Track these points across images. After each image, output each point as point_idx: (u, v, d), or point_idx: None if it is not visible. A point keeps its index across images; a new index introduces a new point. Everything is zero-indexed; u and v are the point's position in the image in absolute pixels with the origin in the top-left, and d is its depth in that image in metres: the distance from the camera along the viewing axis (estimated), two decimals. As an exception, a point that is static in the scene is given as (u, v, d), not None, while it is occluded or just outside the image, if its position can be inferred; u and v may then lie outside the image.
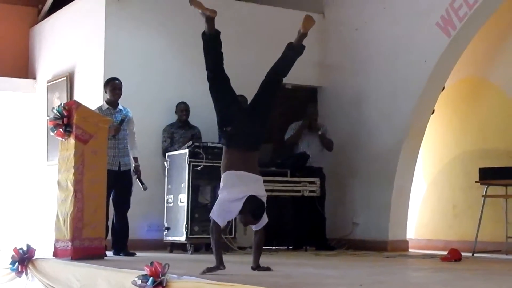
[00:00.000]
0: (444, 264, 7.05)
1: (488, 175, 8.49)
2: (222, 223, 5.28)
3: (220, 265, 5.02)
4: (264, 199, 5.29)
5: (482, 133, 9.39)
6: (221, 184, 5.35)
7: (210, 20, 5.49)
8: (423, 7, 8.91)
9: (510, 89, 9.08)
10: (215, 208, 5.31)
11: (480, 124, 9.44)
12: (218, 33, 5.59)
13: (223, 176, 5.34)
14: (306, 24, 5.66)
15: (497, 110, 9.20)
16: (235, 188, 5.21)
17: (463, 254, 7.61)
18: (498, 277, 5.67)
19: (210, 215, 5.29)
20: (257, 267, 5.39)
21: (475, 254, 8.26)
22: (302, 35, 5.68)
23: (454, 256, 7.34)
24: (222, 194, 5.31)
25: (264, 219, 5.31)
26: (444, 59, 8.89)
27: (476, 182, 8.60)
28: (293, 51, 5.77)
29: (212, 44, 5.59)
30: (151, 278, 4.27)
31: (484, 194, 8.55)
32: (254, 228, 5.43)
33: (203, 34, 5.60)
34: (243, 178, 5.26)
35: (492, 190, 8.56)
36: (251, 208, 5.12)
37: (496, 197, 8.61)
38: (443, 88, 9.45)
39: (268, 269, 5.39)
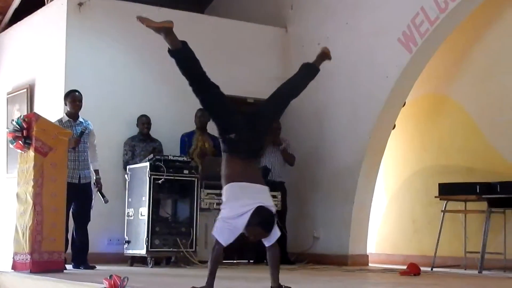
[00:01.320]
0: (403, 278, 7.11)
1: (447, 191, 8.59)
2: (225, 242, 4.63)
3: (209, 287, 4.61)
4: (273, 210, 4.73)
5: (442, 149, 9.48)
6: (223, 198, 4.83)
7: (168, 33, 4.98)
8: (385, 23, 9.00)
9: (470, 106, 9.18)
10: (217, 225, 4.69)
11: (440, 140, 9.53)
12: (184, 44, 5.02)
13: (225, 188, 4.82)
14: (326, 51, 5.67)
15: (457, 126, 9.28)
16: (239, 202, 4.63)
17: (422, 268, 7.68)
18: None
19: (212, 233, 4.72)
20: (278, 286, 4.81)
21: (434, 269, 8.35)
22: (321, 55, 5.64)
23: (413, 270, 7.39)
24: (224, 210, 4.73)
25: (276, 232, 4.74)
26: (406, 75, 8.98)
27: (435, 197, 8.71)
28: (311, 74, 5.57)
29: (184, 58, 5.06)
30: (110, 292, 4.31)
31: (443, 209, 8.67)
32: (266, 244, 4.79)
33: (169, 51, 5.06)
34: (247, 189, 4.71)
35: (451, 206, 8.67)
36: (260, 220, 4.54)
37: (455, 212, 8.72)
38: (404, 103, 9.54)
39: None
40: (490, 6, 8.67)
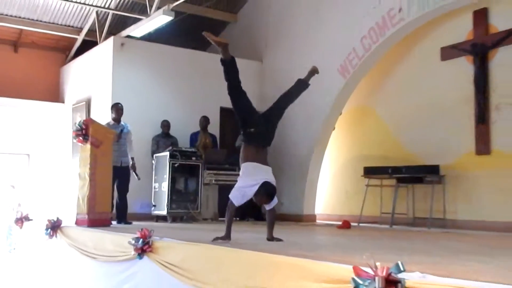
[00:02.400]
0: (339, 230, 7.17)
1: (369, 172, 8.68)
2: (237, 204, 4.67)
3: (227, 237, 4.47)
4: (275, 184, 4.73)
5: (366, 143, 9.52)
6: (241, 172, 4.77)
7: (224, 48, 4.83)
8: (330, 58, 8.96)
9: (385, 115, 9.22)
10: (234, 191, 4.68)
11: (365, 138, 9.57)
12: (233, 58, 4.92)
13: (243, 166, 4.77)
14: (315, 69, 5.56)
15: (376, 128, 9.32)
16: (252, 176, 4.63)
17: (352, 224, 7.82)
18: (373, 238, 5.85)
19: (229, 196, 4.70)
20: (272, 238, 4.80)
21: (360, 224, 8.41)
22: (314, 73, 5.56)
23: (346, 225, 7.51)
24: (240, 181, 4.71)
25: (275, 200, 4.78)
26: (342, 94, 9.05)
27: (361, 176, 8.78)
28: (304, 84, 5.50)
29: (230, 68, 4.93)
30: (141, 239, 4.33)
31: (366, 184, 8.75)
32: (267, 207, 4.83)
33: (221, 60, 4.91)
34: (258, 168, 4.71)
35: (372, 182, 8.76)
36: (266, 190, 4.58)
37: (374, 186, 8.78)
38: (341, 113, 9.60)
39: (279, 239, 4.79)
40: (402, 46, 8.71)
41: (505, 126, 7.47)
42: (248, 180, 4.63)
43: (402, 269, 2.30)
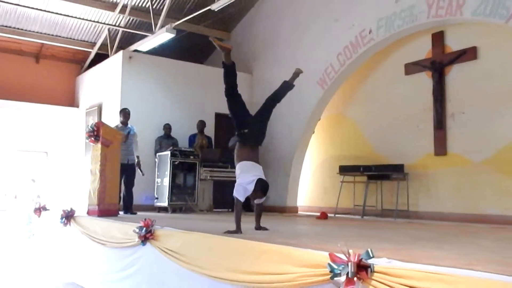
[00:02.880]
0: (318, 220, 7.15)
1: (344, 169, 8.65)
2: (242, 199, 4.47)
3: (238, 230, 4.26)
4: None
5: (341, 145, 9.52)
6: (238, 170, 4.57)
7: (227, 53, 4.64)
8: (310, 71, 8.88)
9: (358, 120, 9.22)
10: (237, 188, 4.46)
11: (340, 140, 9.56)
12: (233, 63, 4.73)
13: (239, 164, 4.57)
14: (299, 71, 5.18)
15: (350, 132, 9.33)
16: (249, 173, 4.44)
17: (329, 214, 7.79)
18: (347, 227, 5.83)
19: (233, 194, 4.47)
20: (259, 227, 4.71)
21: (336, 215, 8.39)
22: (298, 72, 5.19)
23: (323, 216, 7.48)
24: (240, 179, 4.50)
25: (265, 196, 4.64)
26: (320, 102, 9.05)
27: (337, 173, 8.75)
28: (288, 85, 5.16)
29: (230, 71, 4.74)
30: (144, 228, 4.29)
31: (342, 180, 8.72)
32: (256, 202, 4.66)
33: (223, 63, 4.72)
34: (252, 166, 4.54)
35: (346, 178, 8.73)
36: (262, 187, 4.41)
37: (348, 182, 8.77)
38: (320, 119, 9.60)
39: (265, 228, 4.71)
40: (372, 61, 8.74)
41: (458, 131, 7.50)
42: (246, 176, 4.45)
43: (371, 255, 2.29)
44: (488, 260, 2.71)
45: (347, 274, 2.25)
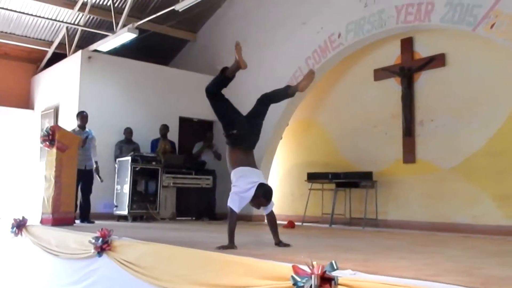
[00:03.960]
0: (285, 229, 7.08)
1: (312, 177, 8.69)
2: (237, 210, 4.09)
3: (232, 245, 3.88)
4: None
5: (310, 151, 9.56)
6: (234, 178, 4.18)
7: (237, 68, 4.40)
8: (280, 74, 9.02)
9: (326, 126, 9.28)
10: (233, 198, 4.10)
11: (308, 146, 9.60)
12: (233, 78, 4.47)
13: (235, 171, 4.19)
14: (306, 83, 4.40)
15: (319, 138, 9.38)
16: (246, 179, 4.06)
17: (296, 223, 7.81)
18: (314, 236, 5.86)
19: (228, 204, 4.10)
20: (279, 242, 4.21)
21: (304, 223, 8.43)
22: (298, 91, 4.44)
23: (291, 224, 7.49)
24: (236, 187, 4.13)
25: (272, 203, 4.20)
26: (289, 107, 9.05)
27: (305, 180, 8.79)
28: (288, 94, 4.57)
29: (225, 82, 4.45)
30: (101, 238, 4.20)
31: (310, 188, 8.76)
32: (265, 212, 4.25)
33: (222, 71, 4.45)
34: (250, 172, 4.15)
35: (314, 185, 8.77)
36: (264, 192, 4.02)
37: (316, 190, 8.82)
38: (288, 124, 9.64)
39: (287, 245, 4.17)
40: (341, 66, 8.82)
41: (427, 138, 7.66)
42: (243, 184, 4.06)
43: (335, 267, 2.29)
44: (454, 271, 2.76)
45: (310, 286, 2.25)
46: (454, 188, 7.23)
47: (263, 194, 4.02)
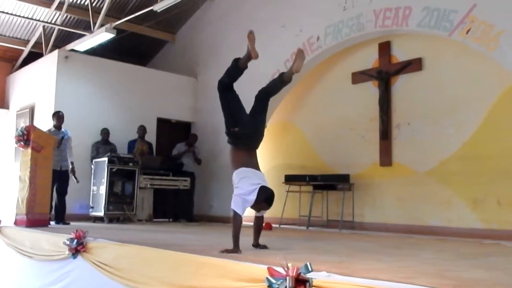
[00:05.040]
0: (262, 231, 7.07)
1: (290, 179, 8.71)
2: (241, 212, 3.91)
3: (237, 249, 3.71)
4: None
5: (288, 154, 9.56)
6: (236, 179, 3.95)
7: (249, 58, 4.22)
8: (257, 77, 8.99)
9: (304, 128, 9.29)
10: (236, 200, 3.89)
11: (286, 149, 9.60)
12: (245, 68, 4.31)
13: (237, 172, 3.96)
14: (299, 63, 4.19)
15: (297, 141, 9.39)
16: (249, 181, 3.86)
17: (273, 225, 7.82)
18: (290, 238, 5.87)
19: (231, 207, 3.91)
20: (257, 244, 4.18)
21: (281, 225, 8.43)
22: (293, 72, 4.23)
23: (268, 226, 7.43)
24: (238, 189, 3.91)
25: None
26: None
27: (283, 183, 8.79)
28: (284, 81, 4.34)
29: (237, 71, 4.31)
30: (76, 240, 4.16)
31: (287, 190, 8.77)
32: (257, 214, 4.12)
33: (236, 61, 4.30)
34: (253, 173, 3.95)
35: (292, 188, 8.78)
36: (266, 196, 3.86)
37: (294, 192, 8.83)
38: (266, 126, 9.62)
39: (265, 247, 4.16)
40: (319, 69, 8.87)
41: (403, 142, 7.74)
42: (246, 186, 3.86)
43: (310, 269, 2.30)
44: (427, 273, 2.79)
45: (285, 288, 2.25)
46: (430, 191, 7.32)
47: (265, 199, 3.86)
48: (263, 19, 9.32)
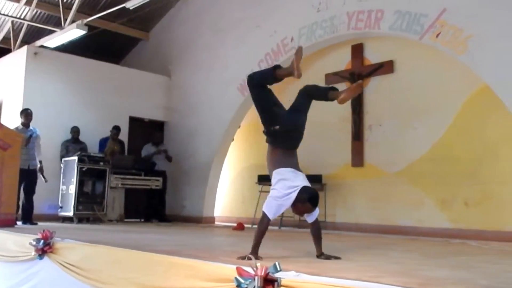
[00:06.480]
0: (234, 231, 7.18)
1: (263, 179, 8.65)
2: (272, 217, 3.59)
3: (255, 254, 3.36)
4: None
5: (261, 154, 9.30)
6: (274, 180, 3.65)
7: (288, 74, 3.84)
8: (230, 78, 9.10)
9: (277, 129, 9.36)
10: (269, 203, 3.58)
11: (260, 149, 9.52)
12: (279, 81, 3.90)
13: (275, 172, 3.66)
14: (347, 97, 3.78)
15: None
16: (287, 183, 3.54)
17: (246, 225, 7.85)
18: (266, 239, 5.86)
19: (263, 209, 3.60)
20: (321, 254, 3.66)
21: (253, 226, 8.34)
22: (336, 99, 3.86)
23: (240, 227, 7.52)
24: (275, 191, 3.58)
25: (317, 210, 3.67)
26: (240, 110, 9.10)
27: (256, 183, 8.82)
28: (327, 98, 3.97)
29: (270, 79, 3.88)
30: (42, 240, 4.07)
31: (260, 190, 8.74)
32: (309, 220, 3.71)
33: (275, 68, 3.90)
34: (292, 173, 3.63)
35: (265, 188, 8.74)
36: (309, 196, 3.50)
37: (267, 192, 8.74)
38: (240, 126, 9.66)
39: (332, 257, 3.60)
40: (291, 71, 8.93)
41: (375, 143, 7.86)
42: (283, 188, 3.53)
43: (279, 269, 2.32)
44: (395, 272, 2.84)
45: (254, 288, 2.26)
46: (400, 192, 7.45)
47: (308, 198, 3.49)
48: (238, 18, 9.34)
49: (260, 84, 3.88)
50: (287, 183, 3.53)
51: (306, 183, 3.59)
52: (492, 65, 6.13)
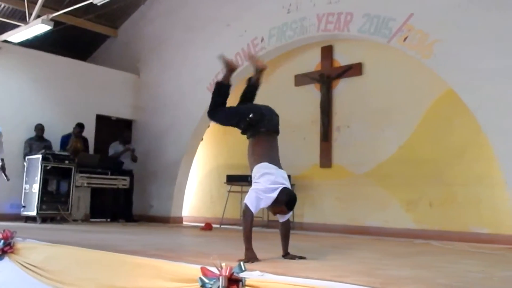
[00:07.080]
0: (202, 232, 7.16)
1: (232, 179, 8.70)
2: (255, 210, 3.45)
3: (253, 256, 3.31)
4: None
5: (230, 154, 9.57)
6: (257, 174, 3.56)
7: (231, 72, 4.02)
8: (200, 76, 9.08)
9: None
10: (251, 196, 3.48)
11: (229, 149, 9.60)
12: (230, 85, 4.07)
13: (259, 166, 3.58)
14: (257, 63, 4.11)
15: (239, 141, 9.16)
16: (271, 178, 3.48)
17: (214, 225, 7.84)
18: (229, 238, 5.88)
19: (245, 201, 3.51)
20: (287, 254, 3.68)
21: (222, 226, 8.47)
22: (260, 75, 4.11)
23: (208, 227, 7.51)
24: (259, 184, 3.51)
25: (290, 212, 3.66)
26: (210, 109, 9.12)
27: (224, 183, 8.80)
28: (254, 86, 4.23)
29: (223, 91, 4.03)
30: (2, 240, 4.00)
31: (229, 190, 8.78)
32: (281, 219, 3.70)
33: (218, 83, 4.06)
34: (276, 170, 3.56)
35: (234, 188, 8.78)
36: (288, 199, 3.47)
37: (235, 192, 8.83)
38: (209, 125, 9.63)
39: (298, 257, 3.62)
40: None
41: (343, 144, 7.97)
42: (267, 182, 3.47)
43: (243, 268, 2.34)
44: (358, 272, 2.90)
45: (218, 288, 2.28)
46: (367, 193, 7.58)
47: (286, 201, 3.47)
48: (208, 17, 9.33)
49: (222, 104, 3.95)
50: (272, 178, 3.49)
51: (288, 183, 3.57)
52: (457, 70, 6.29)
